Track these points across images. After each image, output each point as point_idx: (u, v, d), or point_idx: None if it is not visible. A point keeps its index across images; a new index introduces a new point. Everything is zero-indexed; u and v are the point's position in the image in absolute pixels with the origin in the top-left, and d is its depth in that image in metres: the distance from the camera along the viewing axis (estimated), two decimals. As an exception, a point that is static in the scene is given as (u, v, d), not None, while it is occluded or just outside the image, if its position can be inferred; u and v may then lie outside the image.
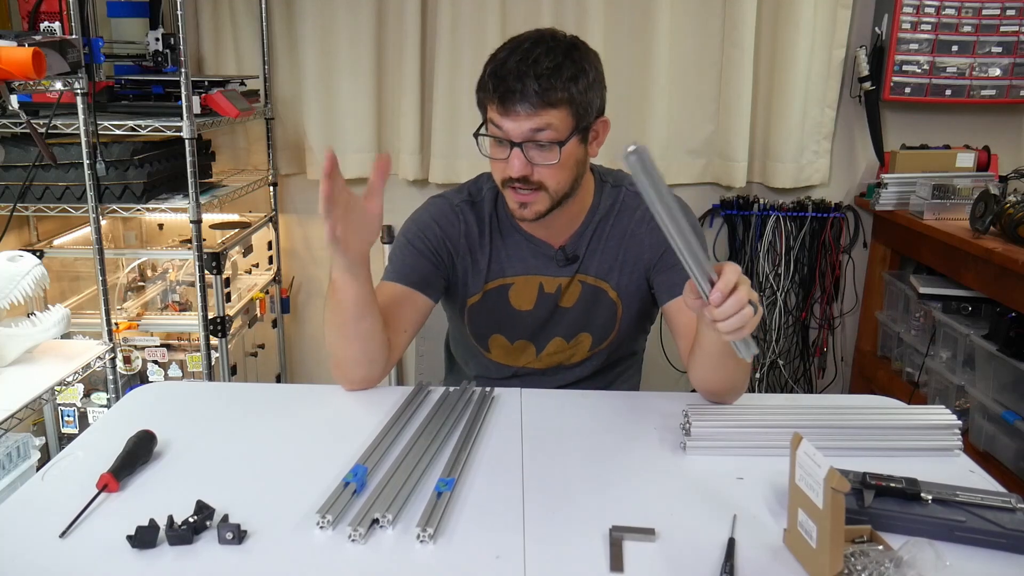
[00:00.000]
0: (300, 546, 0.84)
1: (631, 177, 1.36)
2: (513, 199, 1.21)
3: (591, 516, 0.89)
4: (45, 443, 1.98)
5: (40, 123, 1.77)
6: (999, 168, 2.42)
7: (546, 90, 1.11)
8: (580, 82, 1.15)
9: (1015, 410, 1.85)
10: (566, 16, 2.43)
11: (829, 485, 0.74)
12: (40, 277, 1.48)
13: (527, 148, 1.15)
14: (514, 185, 1.18)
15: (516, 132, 1.14)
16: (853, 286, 2.68)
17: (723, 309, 0.93)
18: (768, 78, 2.50)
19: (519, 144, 1.15)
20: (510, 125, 1.14)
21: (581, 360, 1.39)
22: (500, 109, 1.14)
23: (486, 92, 1.16)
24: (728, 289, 0.92)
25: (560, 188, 1.20)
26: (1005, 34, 2.36)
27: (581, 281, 1.33)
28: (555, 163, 1.16)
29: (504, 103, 1.13)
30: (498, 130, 1.16)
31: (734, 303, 0.92)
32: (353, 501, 0.91)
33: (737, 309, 0.92)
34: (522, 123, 1.13)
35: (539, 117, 1.13)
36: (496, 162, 1.20)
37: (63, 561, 0.81)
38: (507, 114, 1.13)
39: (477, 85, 1.20)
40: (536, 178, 1.17)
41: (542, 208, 1.21)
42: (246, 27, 2.51)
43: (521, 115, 1.13)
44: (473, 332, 1.38)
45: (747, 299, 0.93)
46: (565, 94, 1.13)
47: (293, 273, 2.74)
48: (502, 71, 1.13)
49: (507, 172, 1.17)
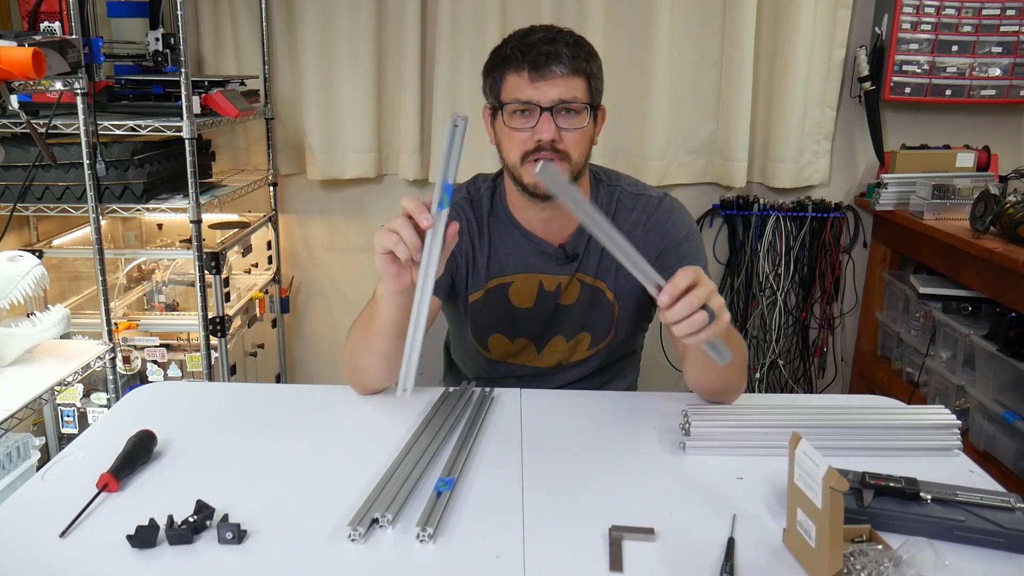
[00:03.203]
0: (300, 546, 0.84)
1: (626, 178, 1.37)
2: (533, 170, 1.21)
3: (591, 516, 0.89)
4: (45, 443, 1.98)
5: (40, 123, 1.77)
6: (999, 168, 2.42)
7: (575, 57, 1.17)
8: (595, 61, 1.22)
9: (1015, 410, 1.85)
10: (566, 16, 2.43)
11: (828, 485, 0.74)
12: (40, 277, 1.48)
13: (555, 114, 1.18)
14: (539, 154, 1.19)
15: (547, 97, 1.17)
16: (853, 286, 2.68)
17: (673, 312, 0.92)
18: (768, 78, 2.50)
19: (548, 108, 1.17)
20: (542, 89, 1.17)
21: (581, 360, 1.39)
22: (532, 75, 1.17)
23: (510, 64, 1.19)
24: (677, 292, 0.92)
25: (580, 160, 1.22)
26: (1005, 34, 2.36)
27: (580, 280, 1.34)
28: (584, 127, 1.19)
29: (538, 68, 1.16)
30: (523, 102, 1.18)
31: (683, 307, 0.92)
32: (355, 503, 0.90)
33: (688, 312, 0.91)
34: (556, 85, 1.17)
35: (571, 81, 1.17)
36: (518, 134, 1.20)
37: (63, 561, 0.81)
38: (540, 78, 1.17)
39: (489, 66, 1.23)
40: (563, 145, 1.19)
41: (564, 177, 1.20)
42: (246, 27, 2.51)
43: (556, 77, 1.16)
44: (474, 331, 1.38)
45: (699, 303, 0.92)
46: (587, 65, 1.19)
47: (292, 273, 2.74)
48: (529, 40, 1.18)
49: (538, 135, 1.18)
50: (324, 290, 2.78)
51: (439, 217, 0.95)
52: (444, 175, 0.94)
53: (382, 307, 1.11)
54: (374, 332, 1.14)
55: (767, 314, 2.65)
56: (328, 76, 2.50)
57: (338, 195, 2.68)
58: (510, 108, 1.20)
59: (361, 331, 1.18)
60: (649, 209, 1.32)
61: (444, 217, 0.95)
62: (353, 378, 1.22)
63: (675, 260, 1.28)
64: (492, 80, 1.23)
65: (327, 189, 2.67)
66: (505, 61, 1.20)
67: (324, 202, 2.69)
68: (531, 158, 1.20)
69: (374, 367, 1.18)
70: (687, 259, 1.28)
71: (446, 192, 0.94)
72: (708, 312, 0.92)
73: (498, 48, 1.23)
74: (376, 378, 1.21)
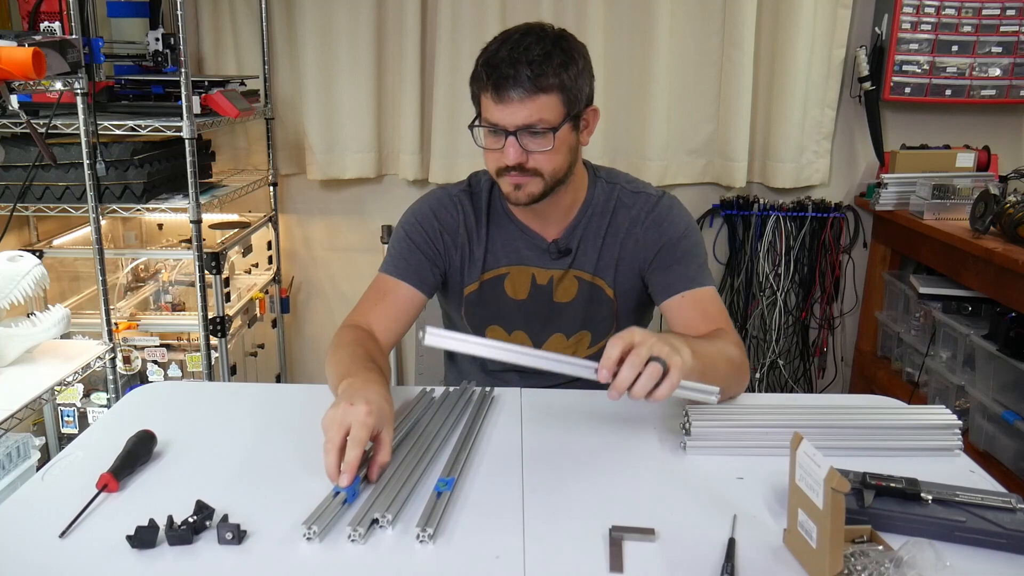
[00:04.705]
0: (300, 546, 0.84)
1: (625, 175, 1.37)
2: (508, 183, 1.22)
3: (591, 516, 0.89)
4: (45, 443, 1.98)
5: (40, 123, 1.77)
6: (999, 168, 2.42)
7: (538, 76, 1.14)
8: (570, 69, 1.17)
9: (1015, 410, 1.85)
10: (566, 16, 2.43)
11: (829, 485, 0.74)
12: (40, 277, 1.48)
13: (521, 136, 1.17)
14: (510, 173, 1.20)
15: (510, 120, 1.16)
16: (853, 286, 2.68)
17: (621, 380, 0.92)
18: (768, 78, 2.50)
19: (513, 132, 1.16)
20: (504, 113, 1.16)
21: (582, 358, 1.39)
22: (494, 97, 1.16)
23: (480, 82, 1.18)
24: (612, 363, 0.92)
25: (555, 173, 1.21)
26: (1005, 34, 2.36)
27: (577, 277, 1.34)
28: (549, 149, 1.18)
29: (498, 90, 1.15)
30: (491, 124, 1.18)
31: (628, 370, 0.92)
32: (344, 510, 0.89)
33: (635, 373, 0.91)
34: (516, 110, 1.15)
35: (533, 103, 1.14)
36: (491, 152, 1.21)
37: (63, 561, 0.81)
38: (501, 101, 1.15)
39: (471, 78, 1.22)
40: (531, 165, 1.19)
41: (536, 191, 1.21)
42: (246, 27, 2.51)
43: (515, 101, 1.14)
44: (471, 323, 1.39)
45: (643, 360, 0.92)
46: (556, 80, 1.15)
47: (293, 273, 2.74)
48: (494, 60, 1.16)
49: (502, 161, 1.19)
50: (324, 290, 2.78)
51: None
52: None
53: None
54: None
55: (767, 314, 2.65)
56: (328, 76, 2.50)
57: (338, 195, 2.68)
58: (483, 128, 1.20)
59: (335, 365, 1.14)
60: (648, 206, 1.32)
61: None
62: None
63: (673, 257, 1.29)
64: (472, 91, 1.23)
65: (327, 189, 2.67)
66: (476, 79, 1.20)
67: (324, 202, 2.69)
68: (503, 174, 1.21)
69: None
70: (685, 256, 1.29)
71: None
72: (660, 363, 0.92)
73: (478, 57, 1.21)
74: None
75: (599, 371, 0.93)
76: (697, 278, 1.29)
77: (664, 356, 0.92)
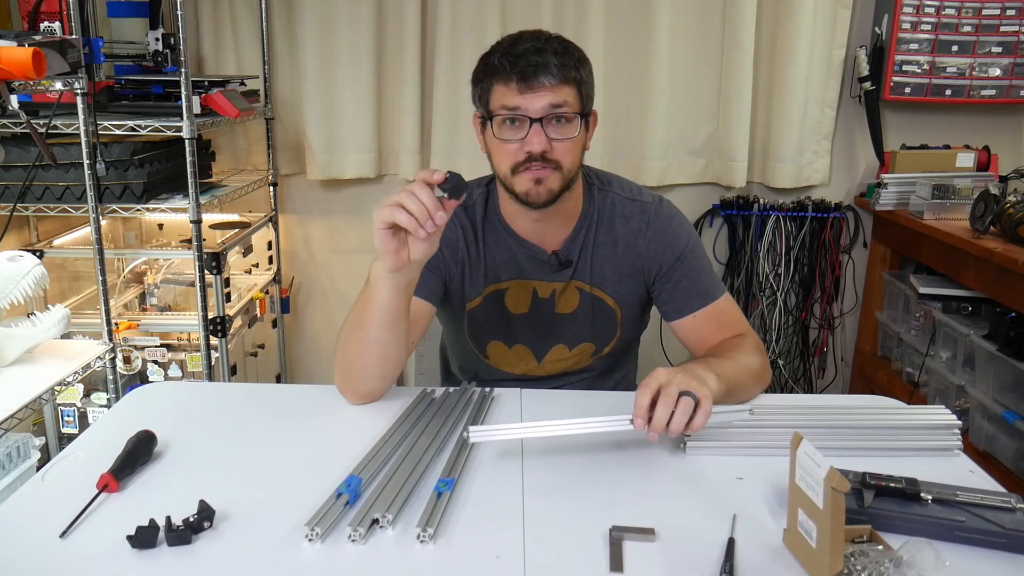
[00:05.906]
0: (300, 546, 0.84)
1: (617, 180, 1.36)
2: (527, 178, 1.19)
3: (591, 516, 0.89)
4: (45, 443, 1.98)
5: (40, 123, 1.77)
6: (999, 168, 2.42)
7: (563, 66, 1.15)
8: (585, 67, 1.21)
9: (1015, 410, 1.85)
10: (566, 17, 2.43)
11: (829, 485, 0.74)
12: (40, 277, 1.48)
13: (545, 124, 1.16)
14: (529, 165, 1.18)
15: (536, 108, 1.15)
16: (853, 286, 2.68)
17: (657, 422, 0.95)
18: (768, 78, 2.50)
19: (539, 120, 1.15)
20: (530, 100, 1.15)
21: (584, 367, 1.39)
22: (520, 86, 1.15)
23: (498, 75, 1.17)
24: (643, 411, 0.95)
25: (572, 168, 1.21)
26: (1005, 34, 2.36)
27: (579, 288, 1.33)
28: (574, 137, 1.18)
29: (526, 78, 1.14)
30: (512, 110, 1.16)
31: (662, 411, 0.95)
32: (346, 511, 0.89)
33: (669, 412, 0.95)
34: (544, 97, 1.15)
35: (560, 90, 1.15)
36: (508, 145, 1.18)
37: (63, 561, 0.81)
38: (529, 89, 1.15)
39: (477, 75, 1.21)
40: (553, 156, 1.18)
41: (555, 187, 1.20)
42: (246, 27, 2.51)
43: (544, 87, 1.14)
44: (472, 338, 1.38)
45: (675, 396, 0.95)
46: (576, 74, 1.18)
47: (293, 273, 2.74)
48: (517, 50, 1.16)
49: (527, 147, 1.17)
50: (324, 290, 2.78)
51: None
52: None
53: (377, 290, 1.09)
54: (367, 320, 1.12)
55: (767, 314, 2.65)
56: (328, 76, 2.49)
57: (338, 195, 2.68)
58: (499, 118, 1.18)
59: (353, 323, 1.15)
60: (647, 217, 1.30)
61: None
62: (345, 381, 1.18)
63: (680, 273, 1.29)
64: (480, 90, 1.21)
65: (327, 189, 2.67)
66: (493, 71, 1.18)
67: (324, 202, 2.69)
68: (522, 169, 1.18)
69: (366, 360, 1.15)
70: (692, 270, 1.29)
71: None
72: (691, 396, 0.95)
73: (486, 56, 1.20)
74: (368, 375, 1.16)
75: (634, 420, 0.96)
76: (708, 292, 1.28)
77: (693, 390, 0.96)
